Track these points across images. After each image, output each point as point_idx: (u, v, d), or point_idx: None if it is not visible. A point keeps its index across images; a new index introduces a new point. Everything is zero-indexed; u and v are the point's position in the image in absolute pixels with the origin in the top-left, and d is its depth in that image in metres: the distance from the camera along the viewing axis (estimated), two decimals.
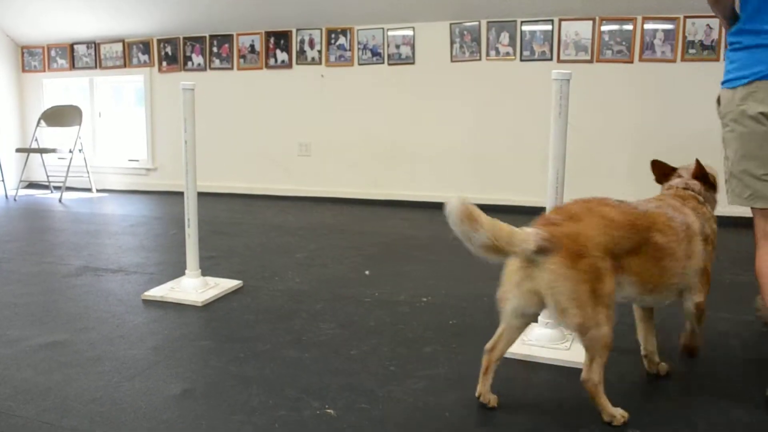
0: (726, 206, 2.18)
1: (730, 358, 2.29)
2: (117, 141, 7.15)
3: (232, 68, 6.32)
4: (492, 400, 1.89)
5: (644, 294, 1.90)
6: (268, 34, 6.14)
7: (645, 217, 1.88)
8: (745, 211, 2.03)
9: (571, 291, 1.70)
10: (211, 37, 6.34)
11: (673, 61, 5.00)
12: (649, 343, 2.13)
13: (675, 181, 2.20)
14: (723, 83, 2.03)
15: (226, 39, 6.29)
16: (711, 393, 1.99)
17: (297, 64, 6.09)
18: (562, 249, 1.70)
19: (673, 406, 1.91)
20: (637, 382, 2.06)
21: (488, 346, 1.91)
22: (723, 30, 2.33)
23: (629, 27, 5.06)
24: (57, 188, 6.68)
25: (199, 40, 6.39)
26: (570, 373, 2.14)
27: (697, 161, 2.19)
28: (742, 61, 1.97)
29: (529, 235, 1.72)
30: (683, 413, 1.86)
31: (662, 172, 2.27)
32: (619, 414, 1.77)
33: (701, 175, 2.16)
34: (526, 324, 1.96)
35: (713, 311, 2.76)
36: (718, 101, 2.09)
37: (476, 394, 1.90)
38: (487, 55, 5.47)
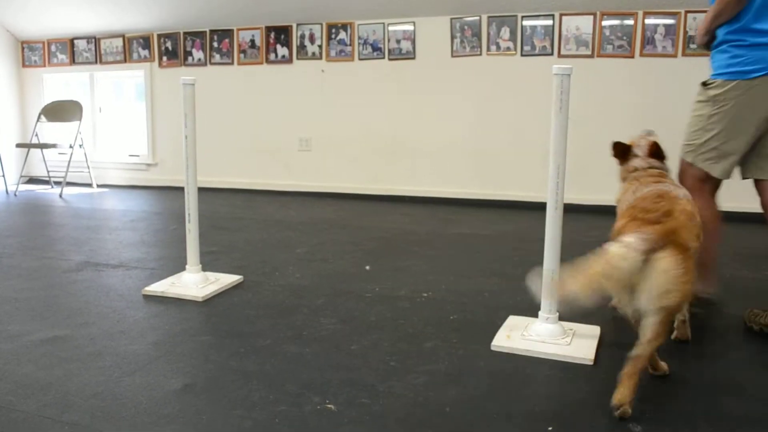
0: (729, 201, 2.22)
1: (732, 354, 2.29)
2: (117, 136, 7.15)
3: (232, 63, 6.31)
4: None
5: None
6: (269, 29, 6.13)
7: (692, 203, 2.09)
8: (749, 207, 2.06)
9: (681, 277, 1.79)
10: (212, 32, 6.33)
11: (674, 56, 4.99)
12: None
13: (637, 162, 2.43)
14: (724, 73, 2.51)
15: (226, 34, 6.29)
16: (712, 390, 1.99)
17: (297, 59, 6.09)
18: (671, 244, 1.81)
19: (673, 402, 1.91)
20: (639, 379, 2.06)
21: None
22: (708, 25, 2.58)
23: (630, 22, 5.05)
24: (57, 183, 6.69)
25: (200, 35, 6.38)
26: (571, 368, 2.14)
27: (653, 142, 2.48)
28: (747, 57, 2.40)
29: (629, 246, 1.77)
30: (684, 410, 1.86)
31: (622, 150, 2.50)
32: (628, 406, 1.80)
33: (657, 152, 2.44)
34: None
35: (714, 306, 2.76)
36: (705, 84, 2.63)
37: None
38: (488, 50, 5.46)
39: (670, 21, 4.96)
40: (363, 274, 3.37)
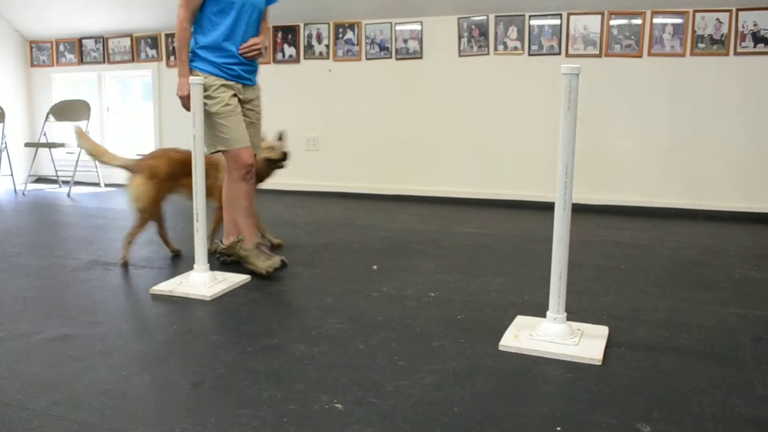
0: (735, 201, 2.17)
1: (740, 354, 2.28)
2: (125, 135, 7.17)
3: None
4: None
5: (191, 198, 3.38)
6: (276, 29, 6.14)
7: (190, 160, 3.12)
8: (756, 207, 2.02)
9: (141, 192, 3.49)
10: None
11: (683, 55, 4.97)
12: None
13: None
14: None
15: None
16: (719, 389, 1.98)
17: (305, 58, 6.09)
18: (142, 171, 3.49)
19: (680, 400, 1.90)
20: (644, 377, 2.06)
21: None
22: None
23: (638, 21, 5.04)
24: (65, 183, 6.71)
25: None
26: (579, 368, 2.13)
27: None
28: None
29: (119, 158, 3.59)
30: (692, 410, 1.85)
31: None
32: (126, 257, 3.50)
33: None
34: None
35: (722, 307, 2.75)
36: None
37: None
38: (495, 49, 5.45)
39: (678, 20, 4.94)
40: (370, 273, 3.37)
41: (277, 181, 6.30)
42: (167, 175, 3.40)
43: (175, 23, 3.18)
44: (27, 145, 6.74)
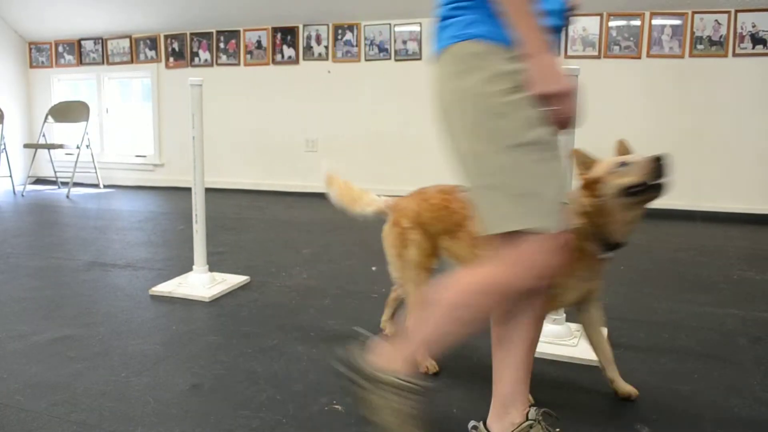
0: (733, 202, 2.16)
1: (738, 355, 2.28)
2: (124, 136, 7.18)
3: (238, 64, 6.32)
4: (430, 366, 2.10)
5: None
6: (275, 30, 6.14)
7: (467, 206, 1.86)
8: (755, 208, 2.02)
9: (388, 248, 2.21)
10: (218, 32, 6.34)
11: (681, 56, 4.97)
12: (600, 354, 1.99)
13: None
14: None
15: (232, 35, 6.30)
16: (718, 389, 1.98)
17: (304, 59, 6.09)
18: (390, 216, 2.21)
19: (679, 401, 1.90)
20: (643, 378, 2.06)
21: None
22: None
23: (637, 22, 5.04)
24: (64, 184, 6.71)
25: (206, 35, 6.39)
26: (577, 368, 2.13)
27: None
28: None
29: (374, 201, 2.36)
30: (691, 412, 1.85)
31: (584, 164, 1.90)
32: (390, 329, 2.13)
33: None
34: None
35: (721, 308, 2.76)
36: None
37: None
38: None
39: (677, 21, 4.94)
40: (370, 274, 3.37)
41: (275, 182, 6.36)
42: (417, 225, 2.07)
43: None
44: (26, 146, 6.74)
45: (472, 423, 1.63)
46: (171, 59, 6.58)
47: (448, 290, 1.49)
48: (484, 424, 1.60)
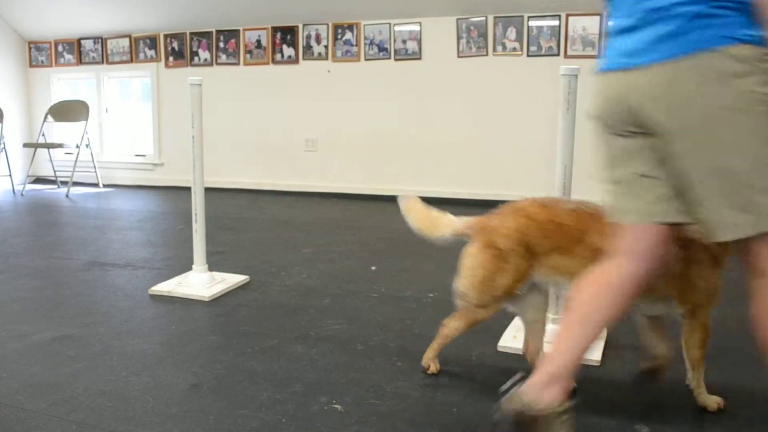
0: None
1: (738, 355, 2.28)
2: (124, 136, 7.17)
3: (238, 63, 6.32)
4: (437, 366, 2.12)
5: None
6: (275, 30, 6.14)
7: (581, 219, 1.90)
8: None
9: (471, 267, 2.02)
10: (218, 32, 6.34)
11: None
12: (656, 350, 2.05)
13: None
14: None
15: (232, 34, 6.30)
16: (717, 389, 1.98)
17: (303, 59, 6.09)
18: (478, 236, 2.00)
19: (678, 401, 1.90)
20: (643, 377, 2.06)
21: (522, 350, 2.11)
22: None
23: None
24: (64, 183, 6.70)
25: (206, 35, 6.39)
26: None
27: None
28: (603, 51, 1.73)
29: (454, 222, 2.11)
30: (690, 409, 1.85)
31: None
32: (435, 365, 2.07)
33: None
34: (531, 302, 2.06)
35: (721, 307, 2.75)
36: None
37: None
38: (494, 50, 5.45)
39: None
40: (369, 274, 3.37)
41: (275, 181, 6.35)
42: (519, 246, 1.91)
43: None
44: (26, 145, 6.73)
45: (510, 383, 1.62)
46: (171, 59, 6.58)
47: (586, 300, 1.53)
48: (519, 384, 1.58)
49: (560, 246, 1.86)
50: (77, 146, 6.47)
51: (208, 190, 3.19)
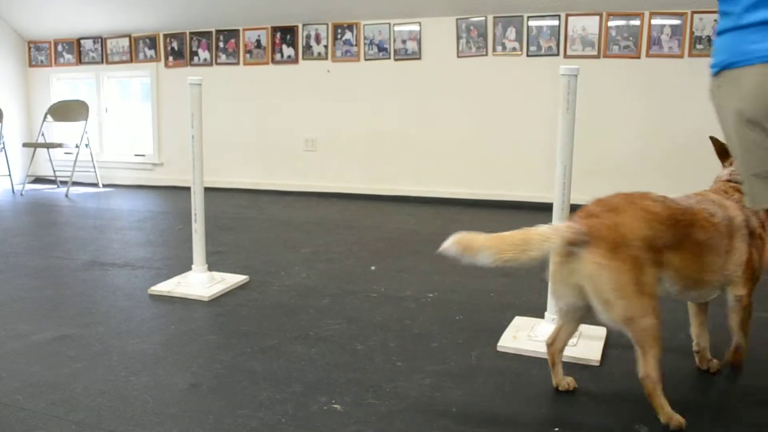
0: None
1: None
2: (123, 136, 7.17)
3: (238, 63, 6.32)
4: (570, 382, 1.98)
5: (685, 289, 1.87)
6: (275, 29, 6.14)
7: (687, 212, 1.84)
8: None
9: (613, 281, 1.67)
10: (218, 32, 6.34)
11: (681, 56, 4.97)
12: (702, 339, 2.14)
13: (723, 172, 2.19)
14: None
15: (232, 34, 6.29)
16: (718, 390, 1.98)
17: (303, 59, 6.09)
18: (600, 240, 1.68)
19: (678, 401, 1.90)
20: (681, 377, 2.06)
21: (548, 340, 2.00)
22: None
23: (636, 22, 5.04)
24: (63, 183, 6.70)
25: (206, 35, 6.39)
26: (577, 369, 2.13)
27: None
28: (715, 48, 1.73)
29: (551, 232, 1.71)
30: (689, 410, 1.85)
31: (721, 149, 2.21)
32: (676, 419, 1.71)
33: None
34: (582, 316, 1.91)
35: (720, 308, 2.75)
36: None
37: (554, 386, 1.98)
38: (494, 50, 5.45)
39: (676, 21, 4.94)
40: (369, 274, 3.37)
41: (274, 181, 6.35)
42: (644, 242, 1.73)
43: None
44: (25, 145, 6.73)
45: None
46: (170, 58, 6.57)
47: None
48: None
49: (675, 241, 1.79)
50: (77, 146, 6.46)
51: (207, 189, 3.18)
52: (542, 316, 2.42)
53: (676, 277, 1.81)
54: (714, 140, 2.20)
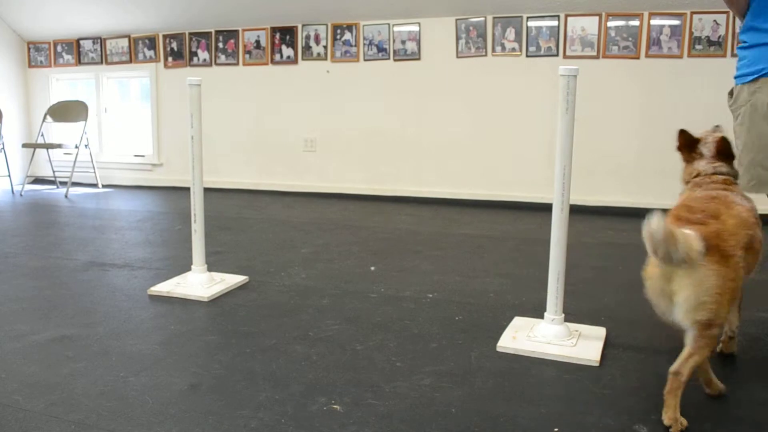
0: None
1: (738, 355, 2.28)
2: (123, 136, 7.17)
3: (237, 64, 6.32)
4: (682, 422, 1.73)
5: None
6: (274, 30, 6.14)
7: (754, 213, 1.91)
8: (758, 208, 2.02)
9: (720, 287, 1.67)
10: (217, 32, 6.34)
11: (680, 57, 4.98)
12: (733, 324, 2.18)
13: (701, 166, 2.16)
14: (735, 78, 2.20)
15: (231, 34, 6.29)
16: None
17: (302, 59, 6.09)
18: (715, 248, 1.68)
19: (680, 401, 1.90)
20: (642, 378, 2.06)
21: (673, 369, 1.76)
22: (736, 26, 2.46)
23: (635, 23, 5.04)
24: (63, 183, 6.70)
25: (205, 35, 6.39)
26: (576, 369, 2.13)
27: (722, 138, 2.15)
28: (748, 59, 2.12)
29: (694, 238, 1.67)
30: (689, 410, 1.85)
31: (688, 142, 2.26)
32: (680, 422, 1.71)
33: (725, 152, 2.13)
34: None
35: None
36: (731, 94, 2.25)
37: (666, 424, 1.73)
38: (493, 50, 5.45)
39: (675, 22, 4.95)
40: (368, 274, 3.37)
41: (274, 182, 6.35)
42: (744, 249, 1.79)
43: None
44: (24, 145, 6.73)
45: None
46: (170, 59, 6.57)
47: None
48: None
49: (748, 242, 1.82)
50: (76, 146, 6.46)
51: (207, 190, 3.19)
52: (542, 317, 2.42)
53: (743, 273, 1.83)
54: (683, 133, 2.31)
